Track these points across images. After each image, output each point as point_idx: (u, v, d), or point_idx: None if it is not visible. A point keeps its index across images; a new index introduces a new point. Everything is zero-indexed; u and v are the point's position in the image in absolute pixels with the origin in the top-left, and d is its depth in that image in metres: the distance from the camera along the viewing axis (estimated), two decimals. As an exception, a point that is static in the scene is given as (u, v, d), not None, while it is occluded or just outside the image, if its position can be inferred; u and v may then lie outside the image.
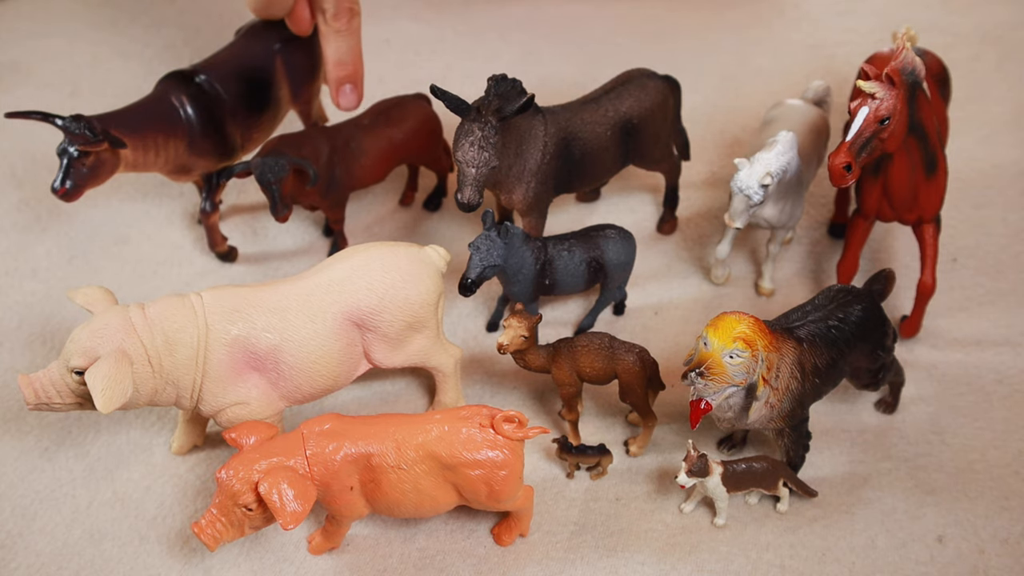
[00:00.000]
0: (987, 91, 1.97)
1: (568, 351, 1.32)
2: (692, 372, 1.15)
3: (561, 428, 1.39)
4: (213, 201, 1.56)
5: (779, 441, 1.28)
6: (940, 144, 1.37)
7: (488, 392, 1.44)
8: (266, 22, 1.60)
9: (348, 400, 1.43)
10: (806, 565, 1.22)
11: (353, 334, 1.27)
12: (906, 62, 1.27)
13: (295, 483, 1.09)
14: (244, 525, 1.13)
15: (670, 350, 1.47)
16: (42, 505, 1.29)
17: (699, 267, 1.62)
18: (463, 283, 1.32)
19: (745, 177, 1.40)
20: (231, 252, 1.62)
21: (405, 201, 1.73)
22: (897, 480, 1.31)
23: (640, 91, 1.51)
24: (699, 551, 1.23)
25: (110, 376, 1.12)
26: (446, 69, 2.05)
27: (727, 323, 1.16)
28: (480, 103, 1.35)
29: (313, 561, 1.23)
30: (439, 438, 1.14)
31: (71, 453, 1.35)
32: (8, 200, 1.74)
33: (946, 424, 1.38)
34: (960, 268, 1.61)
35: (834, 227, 1.66)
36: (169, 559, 1.23)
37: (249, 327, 1.21)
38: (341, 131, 1.55)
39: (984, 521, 1.26)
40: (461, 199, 1.35)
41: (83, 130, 1.36)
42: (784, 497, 1.27)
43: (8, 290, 1.58)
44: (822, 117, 1.60)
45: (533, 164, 1.43)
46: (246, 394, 1.23)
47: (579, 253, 1.43)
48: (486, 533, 1.26)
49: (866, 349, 1.27)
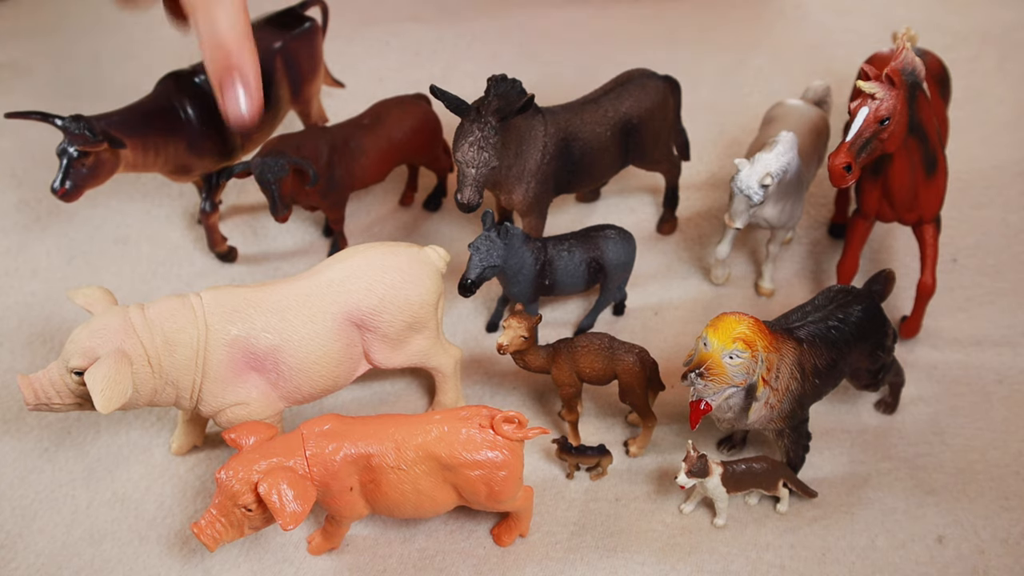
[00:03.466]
0: (987, 91, 1.97)
1: (568, 351, 1.32)
2: (692, 373, 1.15)
3: (561, 429, 1.39)
4: (213, 201, 1.56)
5: (779, 442, 1.28)
6: (940, 144, 1.37)
7: (488, 392, 1.44)
8: (266, 22, 1.60)
9: (348, 400, 1.43)
10: (806, 565, 1.22)
11: (353, 334, 1.27)
12: (906, 62, 1.27)
13: (295, 484, 1.09)
14: (244, 526, 1.13)
15: (670, 350, 1.47)
16: (42, 505, 1.29)
17: (699, 267, 1.62)
18: (463, 283, 1.32)
19: (745, 177, 1.40)
20: (231, 252, 1.62)
21: (405, 201, 1.74)
22: (897, 480, 1.31)
23: (640, 91, 1.51)
24: (699, 551, 1.23)
25: (109, 376, 1.12)
26: (446, 69, 2.05)
27: (727, 324, 1.16)
28: (480, 103, 1.35)
29: (313, 561, 1.23)
30: (439, 439, 1.14)
31: (71, 453, 1.35)
32: (8, 200, 1.74)
33: (946, 424, 1.38)
34: (960, 268, 1.61)
35: (834, 227, 1.67)
36: (169, 559, 1.23)
37: (249, 327, 1.21)
38: (341, 131, 1.55)
39: (984, 521, 1.26)
40: (461, 199, 1.35)
41: (83, 130, 1.36)
42: (784, 497, 1.27)
43: (8, 290, 1.58)
44: (822, 117, 1.60)
45: (533, 164, 1.43)
46: (246, 394, 1.23)
47: (579, 253, 1.43)
48: (486, 534, 1.26)
49: (866, 349, 1.27)
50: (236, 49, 1.09)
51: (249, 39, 1.11)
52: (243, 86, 1.10)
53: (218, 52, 1.09)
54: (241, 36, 1.09)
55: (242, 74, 1.10)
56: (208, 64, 1.10)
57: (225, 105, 1.11)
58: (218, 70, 1.10)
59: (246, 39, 1.10)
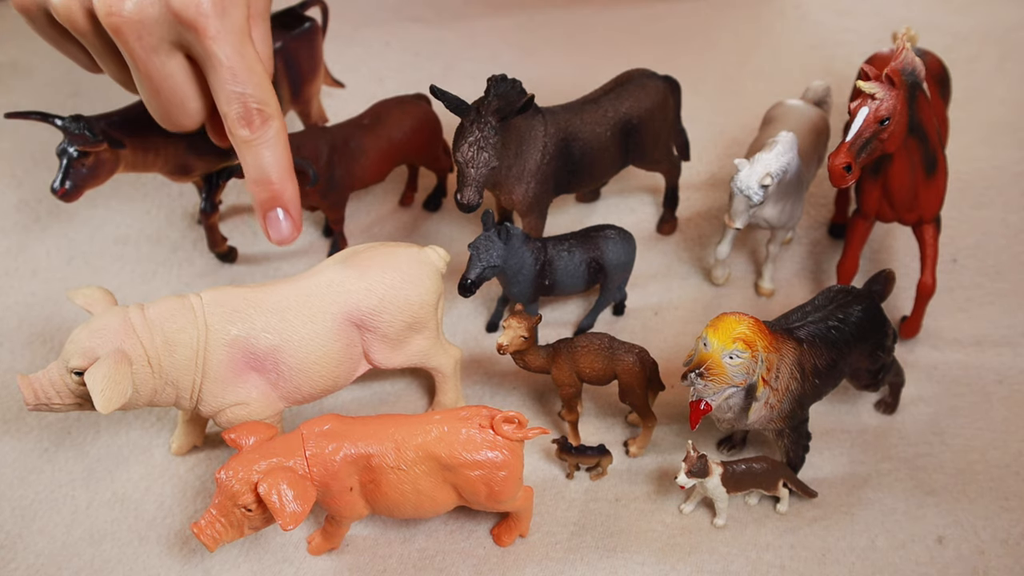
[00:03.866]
0: (987, 91, 1.97)
1: (568, 351, 1.32)
2: (692, 373, 1.15)
3: (561, 429, 1.39)
4: (213, 201, 1.56)
5: (779, 442, 1.28)
6: (940, 144, 1.37)
7: (488, 392, 1.44)
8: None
9: (348, 400, 1.43)
10: (806, 566, 1.22)
11: (353, 335, 1.27)
12: (906, 62, 1.27)
13: (294, 484, 1.09)
14: (243, 526, 1.13)
15: (670, 350, 1.47)
16: (42, 505, 1.29)
17: (699, 267, 1.62)
18: (463, 284, 1.32)
19: (745, 177, 1.40)
20: (231, 252, 1.62)
21: (405, 201, 1.74)
22: (897, 480, 1.31)
23: (640, 91, 1.51)
24: (699, 552, 1.23)
25: (109, 377, 1.12)
26: (446, 69, 2.05)
27: (727, 324, 1.16)
28: (480, 103, 1.35)
29: (312, 562, 1.23)
30: (439, 439, 1.14)
31: (71, 453, 1.35)
32: (8, 200, 1.74)
33: (946, 424, 1.38)
34: (960, 268, 1.60)
35: (834, 227, 1.67)
36: (168, 559, 1.23)
37: (249, 328, 1.21)
38: (341, 131, 1.55)
39: (984, 521, 1.26)
40: (461, 200, 1.35)
41: (83, 130, 1.36)
42: (784, 498, 1.26)
43: (8, 290, 1.58)
44: (822, 117, 1.60)
45: (533, 164, 1.43)
46: (246, 395, 1.23)
47: (579, 253, 1.43)
48: (486, 534, 1.26)
49: (866, 350, 1.27)
50: (279, 183, 1.18)
51: (291, 171, 1.20)
52: (285, 214, 1.20)
53: (263, 186, 1.18)
54: (284, 171, 1.18)
55: (283, 204, 1.20)
56: (253, 195, 1.19)
57: (267, 229, 1.21)
58: (263, 201, 1.19)
59: (288, 172, 1.19)
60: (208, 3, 1.06)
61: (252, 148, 1.15)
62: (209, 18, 1.06)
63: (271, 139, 1.15)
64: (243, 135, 1.13)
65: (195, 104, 1.16)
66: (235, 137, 1.14)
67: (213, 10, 1.06)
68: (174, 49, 1.10)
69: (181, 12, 1.05)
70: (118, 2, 1.04)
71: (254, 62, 1.11)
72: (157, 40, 1.07)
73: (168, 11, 1.05)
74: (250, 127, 1.13)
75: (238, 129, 1.13)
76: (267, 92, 1.13)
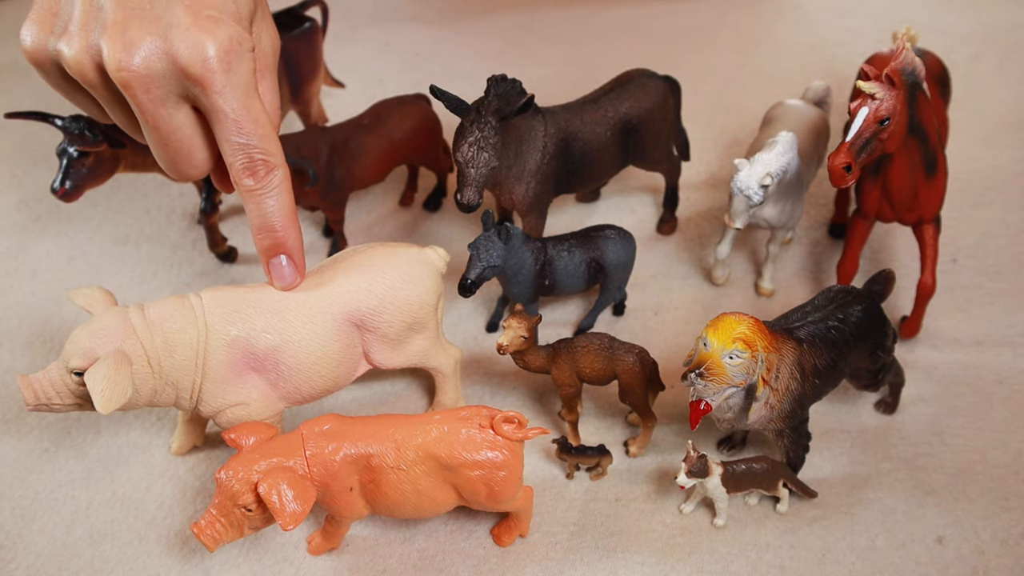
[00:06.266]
0: (987, 91, 1.97)
1: (568, 352, 1.32)
2: (692, 373, 1.15)
3: (561, 429, 1.39)
4: (213, 201, 1.56)
5: (779, 442, 1.28)
6: (940, 144, 1.37)
7: (488, 392, 1.44)
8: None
9: (348, 400, 1.43)
10: (806, 566, 1.22)
11: (353, 335, 1.27)
12: (906, 62, 1.27)
13: (294, 484, 1.09)
14: (243, 526, 1.13)
15: (670, 350, 1.47)
16: (42, 505, 1.29)
17: (699, 267, 1.62)
18: (463, 284, 1.32)
19: (745, 178, 1.40)
20: (231, 252, 1.62)
21: (405, 201, 1.74)
22: (897, 480, 1.31)
23: (640, 91, 1.51)
24: (699, 552, 1.23)
25: (109, 377, 1.12)
26: (446, 69, 2.05)
27: (727, 324, 1.16)
28: (480, 103, 1.35)
29: (312, 562, 1.23)
30: (439, 439, 1.14)
31: (71, 454, 1.35)
32: (8, 200, 1.74)
33: (946, 425, 1.38)
34: (960, 268, 1.60)
35: (834, 227, 1.67)
36: (168, 560, 1.23)
37: (249, 328, 1.21)
38: (341, 131, 1.55)
39: (984, 521, 1.26)
40: (461, 200, 1.35)
41: (83, 130, 1.37)
42: (784, 498, 1.26)
43: (8, 290, 1.58)
44: (822, 117, 1.60)
45: (533, 164, 1.43)
46: (246, 395, 1.23)
47: (579, 253, 1.43)
48: (486, 534, 1.26)
49: (866, 350, 1.27)
50: (283, 230, 1.21)
51: (294, 219, 1.22)
52: (288, 260, 1.23)
53: (267, 233, 1.20)
54: (287, 219, 1.21)
55: (287, 251, 1.22)
56: (257, 241, 1.21)
57: (271, 275, 1.23)
58: (267, 248, 1.22)
59: (291, 220, 1.21)
60: (214, 59, 1.09)
61: (256, 197, 1.18)
62: (215, 73, 1.09)
63: (275, 188, 1.18)
64: (248, 184, 1.16)
65: (202, 155, 1.19)
66: (240, 186, 1.17)
67: (219, 65, 1.09)
68: (181, 101, 1.13)
69: (188, 67, 1.08)
70: (127, 57, 1.07)
71: (259, 114, 1.14)
72: (164, 93, 1.11)
73: (175, 66, 1.09)
74: (254, 177, 1.16)
75: (243, 179, 1.16)
76: (272, 143, 1.16)
